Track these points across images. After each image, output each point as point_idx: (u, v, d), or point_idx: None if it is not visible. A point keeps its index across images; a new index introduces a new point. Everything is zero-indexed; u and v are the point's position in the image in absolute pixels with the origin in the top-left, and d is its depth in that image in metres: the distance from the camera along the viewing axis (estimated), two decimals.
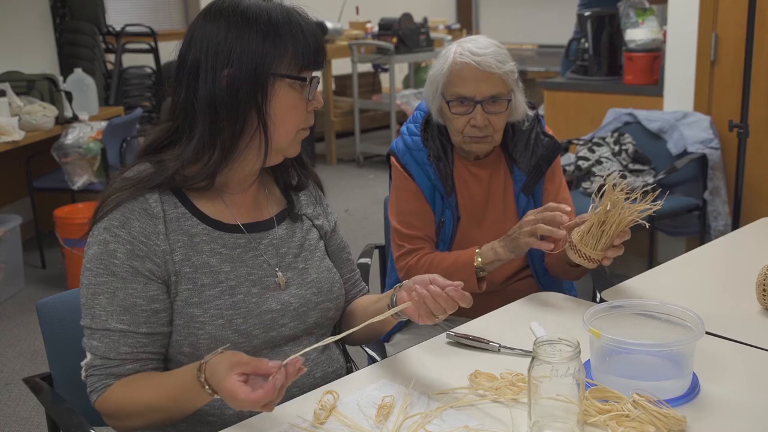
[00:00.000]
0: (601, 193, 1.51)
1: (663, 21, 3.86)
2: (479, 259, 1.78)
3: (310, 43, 1.30)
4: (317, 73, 1.36)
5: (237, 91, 1.27)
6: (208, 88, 1.27)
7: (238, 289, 1.33)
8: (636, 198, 1.49)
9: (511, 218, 1.92)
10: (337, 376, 1.44)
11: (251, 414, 1.26)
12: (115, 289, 1.27)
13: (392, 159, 1.94)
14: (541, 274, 1.93)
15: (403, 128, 1.96)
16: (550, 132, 1.96)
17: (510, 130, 1.91)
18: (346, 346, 1.62)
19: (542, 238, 1.63)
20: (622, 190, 1.48)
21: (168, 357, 1.35)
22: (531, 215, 1.66)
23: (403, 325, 1.99)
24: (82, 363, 1.32)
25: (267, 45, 1.27)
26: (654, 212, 1.50)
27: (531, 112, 1.92)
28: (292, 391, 1.35)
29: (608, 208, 1.49)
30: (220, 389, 1.13)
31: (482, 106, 1.79)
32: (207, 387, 1.15)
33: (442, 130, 1.91)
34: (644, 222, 1.50)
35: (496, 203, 1.93)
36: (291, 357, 1.12)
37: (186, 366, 1.24)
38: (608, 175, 1.51)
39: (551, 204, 1.65)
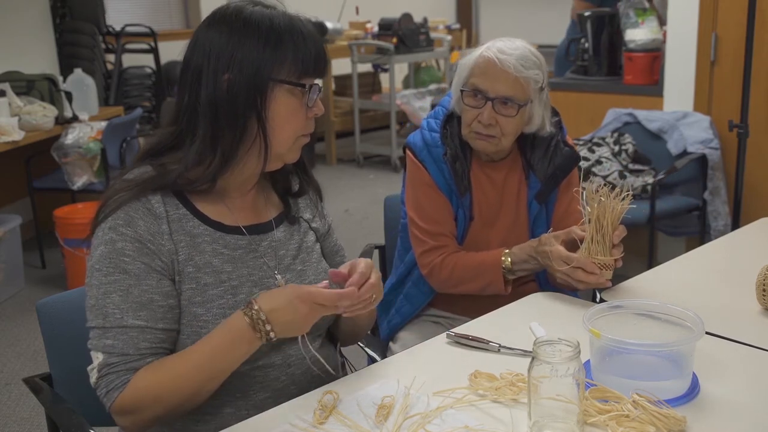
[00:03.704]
0: (586, 201, 1.57)
1: (663, 21, 3.86)
2: (508, 260, 1.79)
3: (311, 51, 1.31)
4: (319, 81, 1.36)
5: (237, 95, 1.28)
6: (209, 91, 1.28)
7: (240, 289, 1.34)
8: (617, 193, 1.56)
9: (522, 223, 1.91)
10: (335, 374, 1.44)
11: (248, 414, 1.27)
12: (128, 287, 1.26)
13: (408, 152, 1.92)
14: (543, 281, 1.93)
15: (424, 122, 1.93)
16: (571, 142, 1.93)
17: (530, 136, 1.89)
18: (342, 348, 1.62)
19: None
20: (599, 189, 1.55)
21: None
22: (563, 266, 1.63)
23: (406, 323, 1.99)
24: (93, 366, 1.27)
25: (268, 51, 1.28)
26: (634, 206, 1.58)
27: (554, 119, 1.89)
28: (291, 391, 1.36)
29: (596, 208, 1.55)
30: (294, 298, 1.23)
31: (492, 103, 1.77)
32: (262, 316, 1.23)
33: (461, 128, 1.88)
34: (632, 205, 1.56)
35: (509, 207, 1.91)
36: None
37: (222, 323, 1.26)
38: (587, 183, 1.57)
39: (588, 265, 1.60)
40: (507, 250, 1.81)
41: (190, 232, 1.33)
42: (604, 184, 1.57)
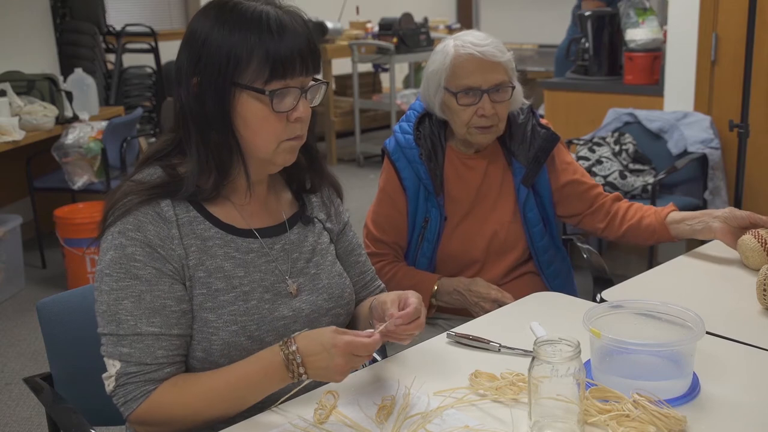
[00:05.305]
0: None
1: (663, 21, 3.86)
2: (435, 288, 1.88)
3: (281, 52, 1.21)
4: (301, 82, 1.26)
5: (204, 100, 1.23)
6: (184, 97, 1.25)
7: (251, 294, 1.31)
8: None
9: (509, 209, 1.94)
10: None
11: (258, 410, 1.27)
12: (140, 293, 1.23)
13: (386, 157, 1.98)
14: (545, 266, 1.94)
15: (396, 127, 1.99)
16: (547, 123, 1.98)
17: (508, 125, 1.93)
18: None
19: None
20: None
21: None
22: (494, 294, 1.82)
23: None
24: (109, 374, 1.25)
25: (233, 51, 1.21)
26: None
27: (527, 102, 1.96)
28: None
29: None
30: (330, 347, 1.18)
31: (488, 95, 1.82)
32: (297, 358, 1.19)
33: (434, 129, 1.93)
34: None
35: (487, 195, 1.95)
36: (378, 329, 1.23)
37: (256, 354, 1.25)
38: None
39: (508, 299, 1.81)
40: (440, 279, 1.90)
41: (201, 235, 1.30)
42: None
